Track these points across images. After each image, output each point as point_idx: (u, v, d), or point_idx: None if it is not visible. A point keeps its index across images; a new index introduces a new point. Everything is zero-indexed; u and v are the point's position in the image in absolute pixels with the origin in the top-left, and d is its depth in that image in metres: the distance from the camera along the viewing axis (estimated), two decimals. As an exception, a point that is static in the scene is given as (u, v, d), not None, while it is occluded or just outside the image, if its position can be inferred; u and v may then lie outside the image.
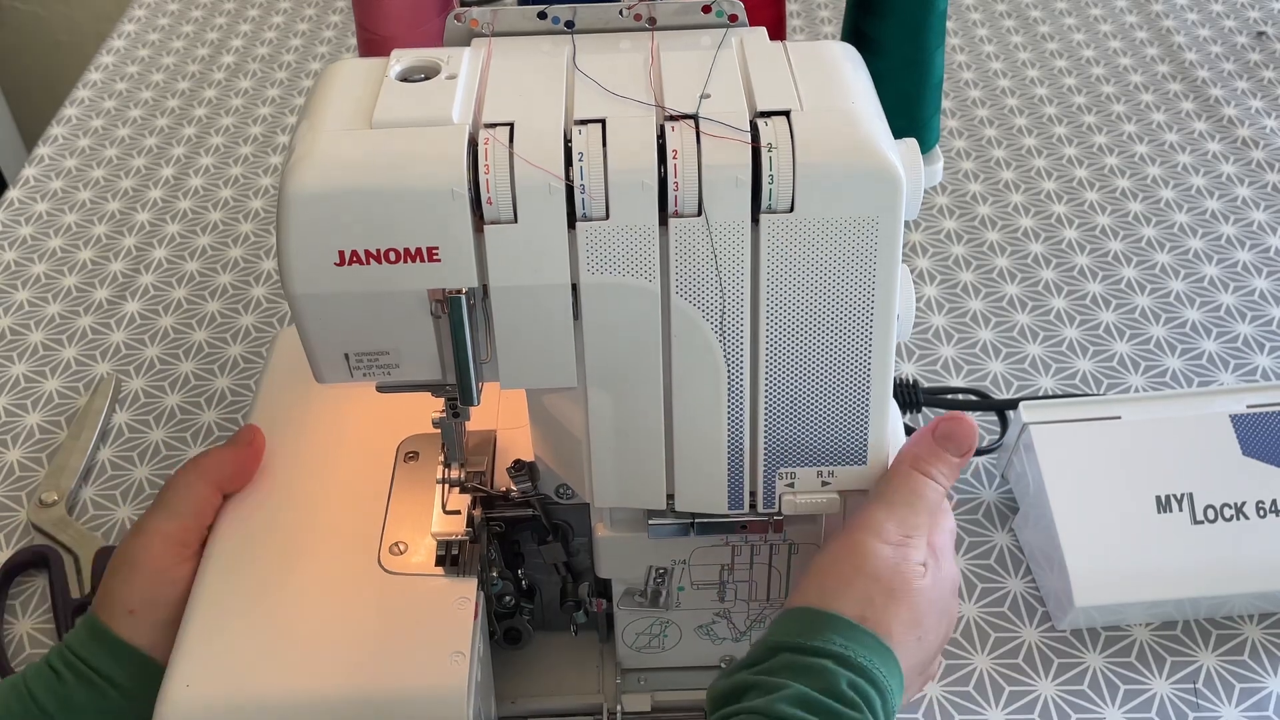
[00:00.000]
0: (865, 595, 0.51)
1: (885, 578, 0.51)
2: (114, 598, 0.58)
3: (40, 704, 0.55)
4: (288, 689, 0.55)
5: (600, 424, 0.54)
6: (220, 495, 0.62)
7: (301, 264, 0.48)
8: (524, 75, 0.51)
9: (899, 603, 0.51)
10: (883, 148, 0.47)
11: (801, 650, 0.49)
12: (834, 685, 0.48)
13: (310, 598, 0.58)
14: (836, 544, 0.53)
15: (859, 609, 0.51)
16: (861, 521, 0.53)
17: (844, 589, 0.51)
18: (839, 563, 0.52)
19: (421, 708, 0.54)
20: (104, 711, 0.56)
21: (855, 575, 0.51)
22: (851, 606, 0.51)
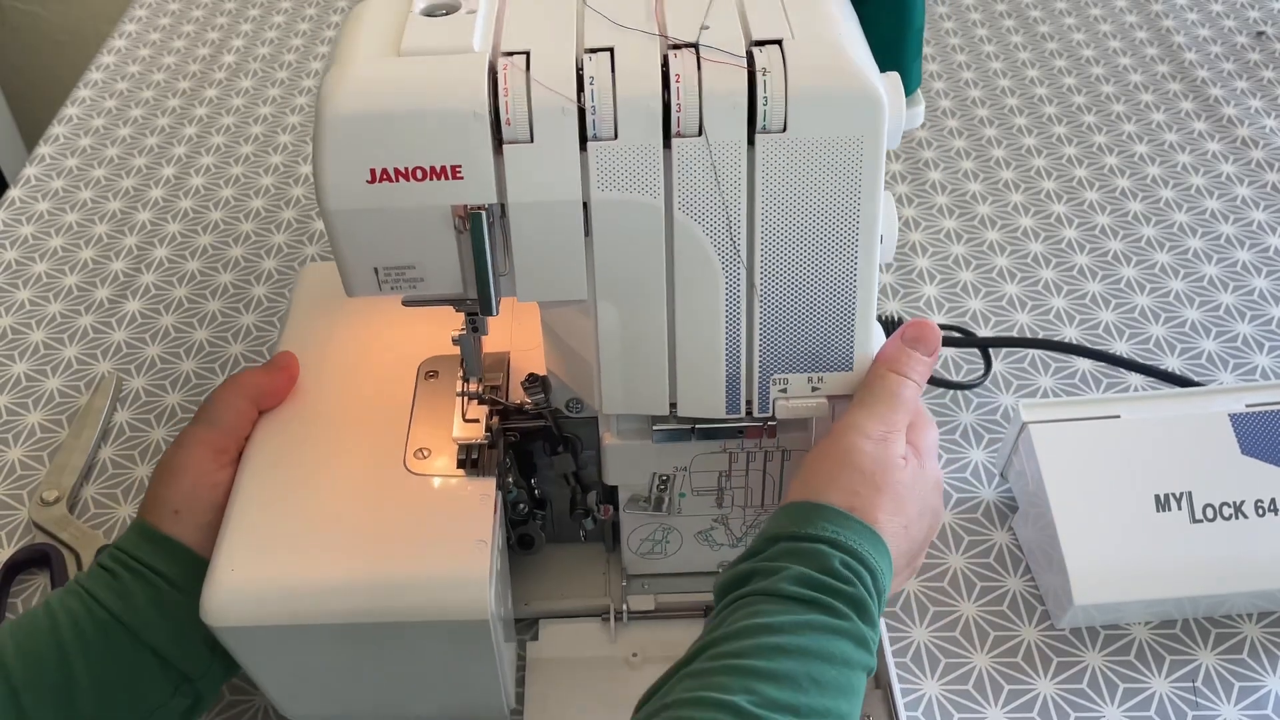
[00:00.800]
0: (851, 487, 0.55)
1: (869, 470, 0.55)
2: (160, 500, 0.62)
3: (100, 600, 0.59)
4: (321, 572, 0.59)
5: (608, 334, 0.58)
6: (256, 410, 0.66)
7: (336, 181, 0.52)
8: (538, 9, 0.55)
9: (882, 492, 0.55)
10: (867, 73, 0.51)
11: (797, 538, 0.53)
12: (828, 564, 0.52)
13: (341, 495, 0.62)
14: (824, 443, 0.57)
15: (847, 499, 0.55)
16: (845, 422, 0.57)
17: (832, 483, 0.55)
18: (827, 459, 0.56)
19: (447, 590, 0.58)
20: (157, 603, 0.60)
21: (841, 470, 0.56)
22: (840, 497, 0.55)
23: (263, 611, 0.58)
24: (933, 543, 0.74)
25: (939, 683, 0.68)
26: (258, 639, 0.59)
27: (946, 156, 1.05)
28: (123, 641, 0.59)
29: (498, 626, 0.60)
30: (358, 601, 0.58)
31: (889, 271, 0.94)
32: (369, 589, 0.58)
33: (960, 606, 0.72)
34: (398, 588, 0.58)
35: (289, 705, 0.64)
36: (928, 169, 1.04)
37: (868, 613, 0.52)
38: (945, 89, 1.14)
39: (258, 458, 0.64)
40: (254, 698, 0.69)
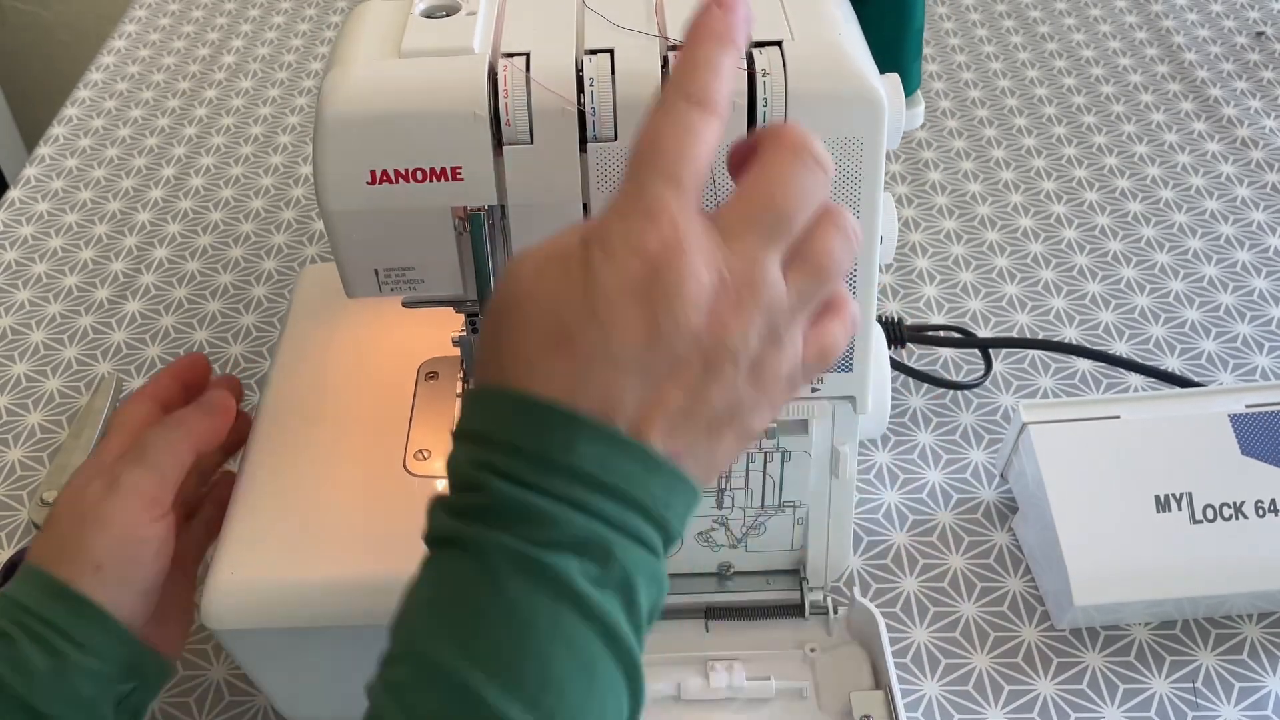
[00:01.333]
0: (481, 339, 0.42)
1: (500, 295, 0.41)
2: (78, 551, 0.52)
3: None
4: (322, 574, 0.59)
5: None
6: (196, 457, 0.58)
7: (336, 182, 0.52)
8: (538, 10, 0.55)
9: (495, 323, 0.40)
10: (867, 74, 0.51)
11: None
12: (459, 472, 0.40)
13: (342, 497, 0.62)
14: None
15: (478, 361, 0.41)
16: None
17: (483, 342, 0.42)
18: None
19: None
20: (61, 673, 0.50)
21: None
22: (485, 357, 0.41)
23: (263, 614, 0.58)
24: (933, 543, 0.75)
25: (939, 683, 0.68)
26: (258, 641, 0.59)
27: (946, 157, 1.05)
28: (15, 714, 0.50)
29: None
30: (359, 603, 0.58)
31: (889, 272, 0.94)
32: (370, 590, 0.58)
33: (960, 607, 0.72)
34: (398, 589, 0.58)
35: (289, 706, 0.64)
36: (927, 169, 1.04)
37: (519, 515, 0.38)
38: (945, 89, 1.14)
39: (258, 459, 0.64)
40: (254, 698, 0.69)
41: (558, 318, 0.39)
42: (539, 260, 0.41)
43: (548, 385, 0.39)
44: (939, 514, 0.77)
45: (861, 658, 0.67)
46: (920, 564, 0.74)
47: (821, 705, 0.65)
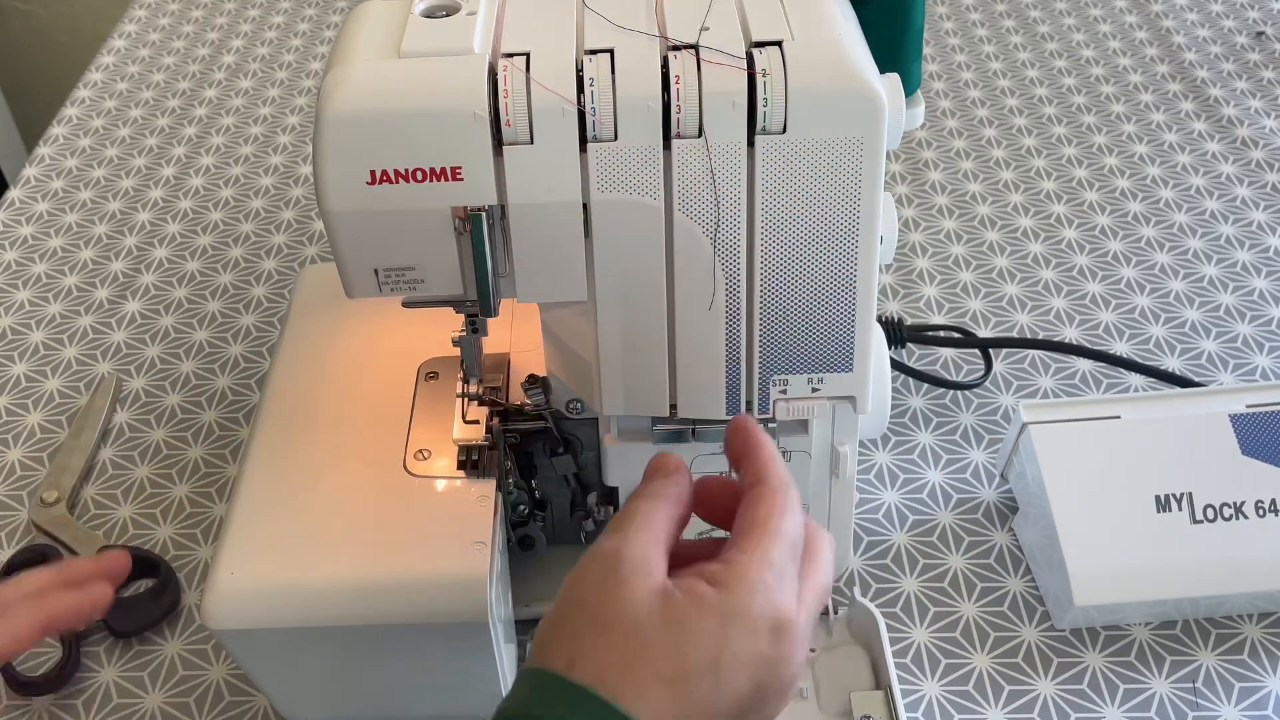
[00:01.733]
0: (573, 630, 0.42)
1: (593, 604, 0.42)
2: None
3: None
4: (322, 574, 0.59)
5: (609, 336, 0.58)
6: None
7: (336, 183, 0.52)
8: (538, 10, 0.55)
9: (606, 634, 0.41)
10: (867, 74, 0.51)
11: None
12: None
13: (342, 497, 0.62)
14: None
15: (568, 652, 0.42)
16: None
17: (552, 628, 0.43)
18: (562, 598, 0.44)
19: (446, 591, 0.58)
20: None
21: (566, 606, 0.43)
22: (559, 650, 0.42)
23: (263, 614, 0.58)
24: (933, 543, 0.75)
25: (939, 683, 0.68)
26: (258, 642, 0.59)
27: (946, 157, 1.05)
28: None
29: (498, 628, 0.60)
30: (358, 603, 0.58)
31: (889, 272, 0.94)
32: (369, 591, 0.58)
33: (960, 607, 0.72)
34: (398, 589, 0.58)
35: (289, 707, 0.64)
36: (927, 169, 1.04)
37: None
38: (945, 89, 1.14)
39: (258, 459, 0.64)
40: (254, 699, 0.69)
41: (683, 655, 0.41)
42: (661, 580, 0.43)
43: (649, 710, 0.40)
44: (939, 514, 0.77)
45: (862, 658, 0.67)
46: (920, 564, 0.74)
47: (821, 705, 0.65)
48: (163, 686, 0.70)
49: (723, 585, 0.43)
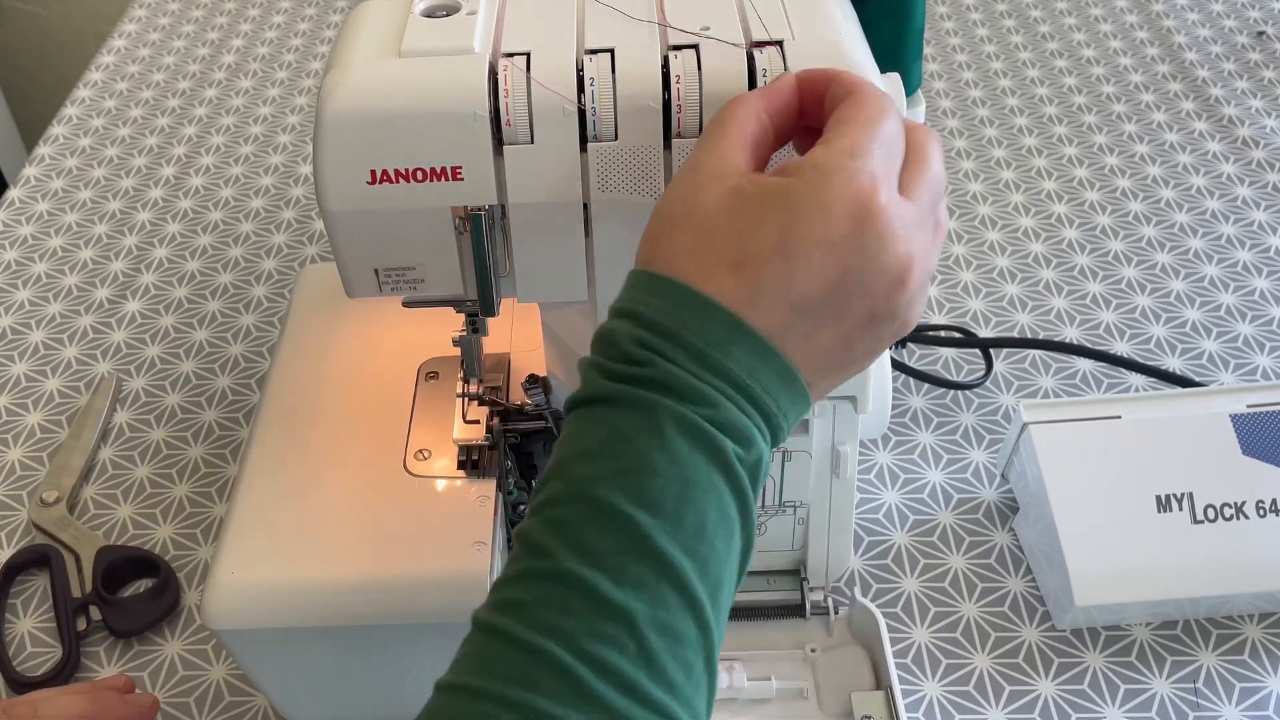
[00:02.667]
0: (654, 233, 0.44)
1: (672, 208, 0.44)
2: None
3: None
4: (322, 574, 0.59)
5: None
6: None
7: (336, 183, 0.52)
8: (538, 10, 0.55)
9: (679, 230, 0.43)
10: (868, 74, 0.51)
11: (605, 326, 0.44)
12: (621, 349, 0.42)
13: (342, 497, 0.62)
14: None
15: (648, 251, 0.44)
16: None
17: (643, 238, 0.45)
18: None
19: (446, 591, 0.58)
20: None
21: (653, 217, 0.45)
22: (643, 252, 0.44)
23: (263, 614, 0.58)
24: (933, 543, 0.75)
25: (940, 684, 0.68)
26: (258, 641, 0.59)
27: (947, 157, 1.05)
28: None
29: None
30: (358, 603, 0.58)
31: (889, 272, 0.94)
32: (369, 591, 0.58)
33: (961, 607, 0.72)
34: (398, 589, 0.58)
35: (289, 707, 0.64)
36: (928, 169, 1.04)
37: (685, 392, 0.40)
38: (946, 89, 1.14)
39: (258, 459, 0.64)
40: (254, 699, 0.69)
41: (750, 242, 0.42)
42: (737, 179, 0.43)
43: (720, 293, 0.42)
44: (939, 514, 0.77)
45: (862, 658, 0.67)
46: (921, 564, 0.74)
47: (822, 705, 0.65)
48: (163, 686, 0.69)
49: (795, 172, 0.43)
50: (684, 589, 0.39)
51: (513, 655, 0.39)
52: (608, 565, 0.39)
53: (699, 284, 0.42)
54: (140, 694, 0.68)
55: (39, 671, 0.70)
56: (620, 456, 0.41)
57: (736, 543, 0.42)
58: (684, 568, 0.39)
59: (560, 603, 0.39)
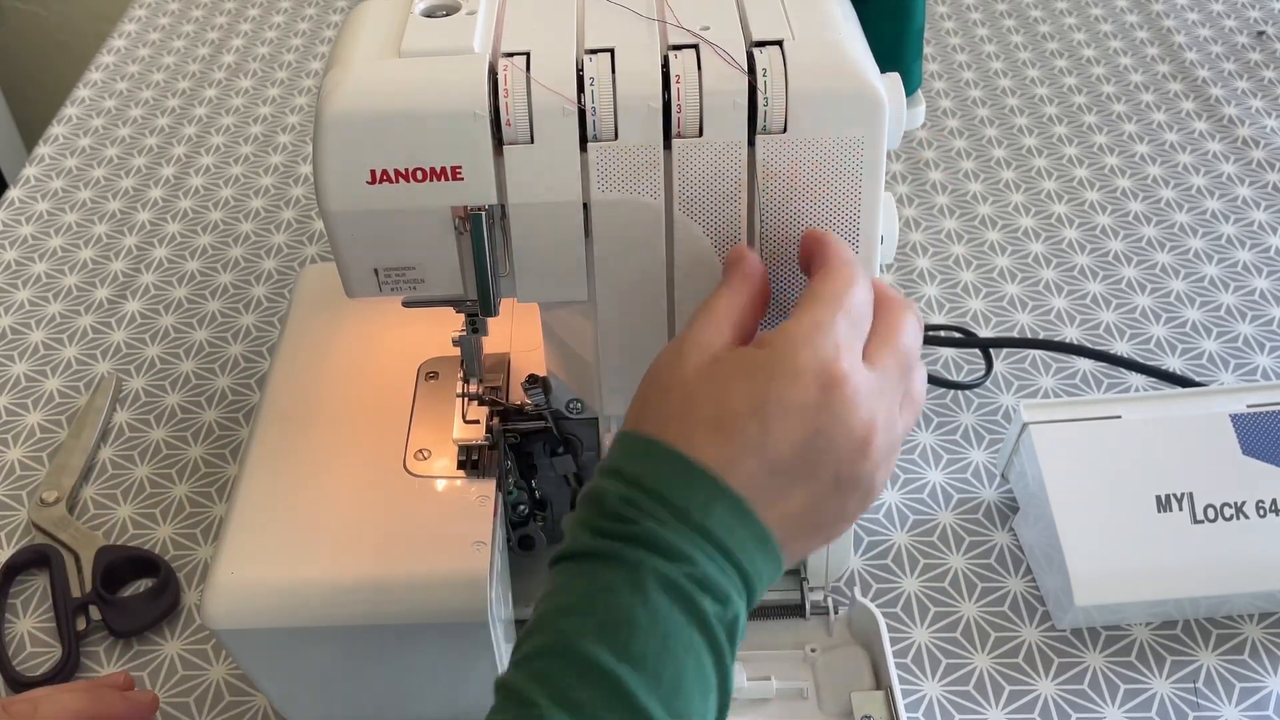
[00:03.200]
0: (642, 399, 0.47)
1: (658, 377, 0.47)
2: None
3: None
4: (322, 574, 0.59)
5: (608, 336, 0.58)
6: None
7: (336, 182, 0.52)
8: (538, 10, 0.55)
9: (665, 395, 0.46)
10: (867, 74, 0.51)
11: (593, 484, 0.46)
12: (606, 505, 0.44)
13: (341, 497, 0.62)
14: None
15: (637, 415, 0.46)
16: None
17: (631, 404, 0.48)
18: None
19: (448, 592, 0.58)
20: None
21: (641, 386, 0.48)
22: (640, 420, 0.46)
23: (263, 614, 0.58)
24: (933, 543, 0.75)
25: (940, 684, 0.68)
26: (258, 642, 0.59)
27: (947, 157, 1.05)
28: None
29: (498, 627, 0.60)
30: (358, 603, 0.58)
31: (889, 272, 0.94)
32: (369, 591, 0.58)
33: (961, 607, 0.72)
34: (398, 589, 0.58)
35: (289, 707, 0.64)
36: (928, 169, 1.04)
37: (667, 550, 0.42)
38: (946, 89, 1.14)
39: (258, 459, 0.64)
40: (254, 699, 0.69)
41: (727, 405, 0.45)
42: (718, 350, 0.47)
43: (703, 455, 0.44)
44: (940, 514, 0.77)
45: (862, 658, 0.67)
46: (921, 564, 0.74)
47: (822, 705, 0.65)
48: (163, 686, 0.69)
49: (769, 344, 0.46)
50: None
51: None
52: (589, 718, 0.40)
53: (683, 446, 0.44)
54: (140, 691, 0.68)
55: (39, 671, 0.70)
56: (603, 610, 0.42)
57: (713, 700, 0.43)
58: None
59: None
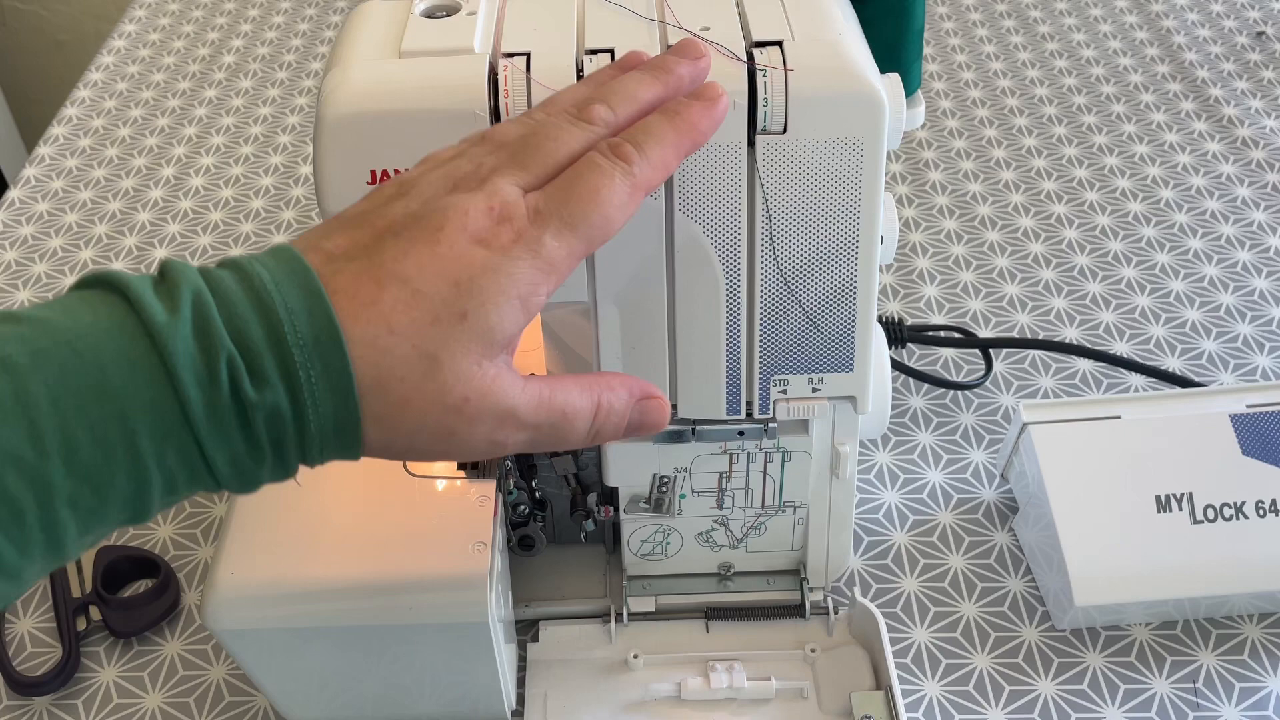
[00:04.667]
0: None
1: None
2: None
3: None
4: (321, 574, 0.59)
5: (609, 336, 0.57)
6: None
7: (335, 183, 0.52)
8: (538, 10, 0.55)
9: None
10: (867, 74, 0.51)
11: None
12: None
13: (342, 497, 0.62)
14: None
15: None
16: None
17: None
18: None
19: (447, 592, 0.58)
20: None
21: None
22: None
23: (262, 615, 0.58)
24: (933, 543, 0.75)
25: (939, 684, 0.68)
26: (258, 642, 0.59)
27: (947, 157, 1.05)
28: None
29: (498, 628, 0.60)
30: (358, 604, 0.58)
31: (889, 272, 0.94)
32: (369, 591, 0.58)
33: (961, 607, 0.72)
34: (398, 590, 0.58)
35: (289, 707, 0.64)
36: (928, 169, 1.04)
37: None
38: (945, 89, 1.14)
39: None
40: (254, 699, 0.69)
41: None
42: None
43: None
44: (939, 514, 0.77)
45: (862, 658, 0.67)
46: (921, 564, 0.74)
47: (822, 705, 0.65)
48: (163, 686, 0.70)
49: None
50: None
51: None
52: None
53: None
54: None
55: (39, 671, 0.70)
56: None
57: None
58: None
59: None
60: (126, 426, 0.35)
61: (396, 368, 0.39)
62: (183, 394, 0.36)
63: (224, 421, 0.37)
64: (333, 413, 0.38)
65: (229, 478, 0.38)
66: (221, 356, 0.36)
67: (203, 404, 0.36)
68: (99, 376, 0.35)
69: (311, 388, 0.37)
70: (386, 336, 0.39)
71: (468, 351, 0.40)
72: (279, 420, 0.38)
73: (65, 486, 0.35)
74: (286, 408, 0.37)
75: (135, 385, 0.36)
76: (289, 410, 0.38)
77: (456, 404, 0.40)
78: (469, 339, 0.40)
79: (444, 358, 0.39)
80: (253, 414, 0.37)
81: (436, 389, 0.40)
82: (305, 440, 0.39)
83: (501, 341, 0.41)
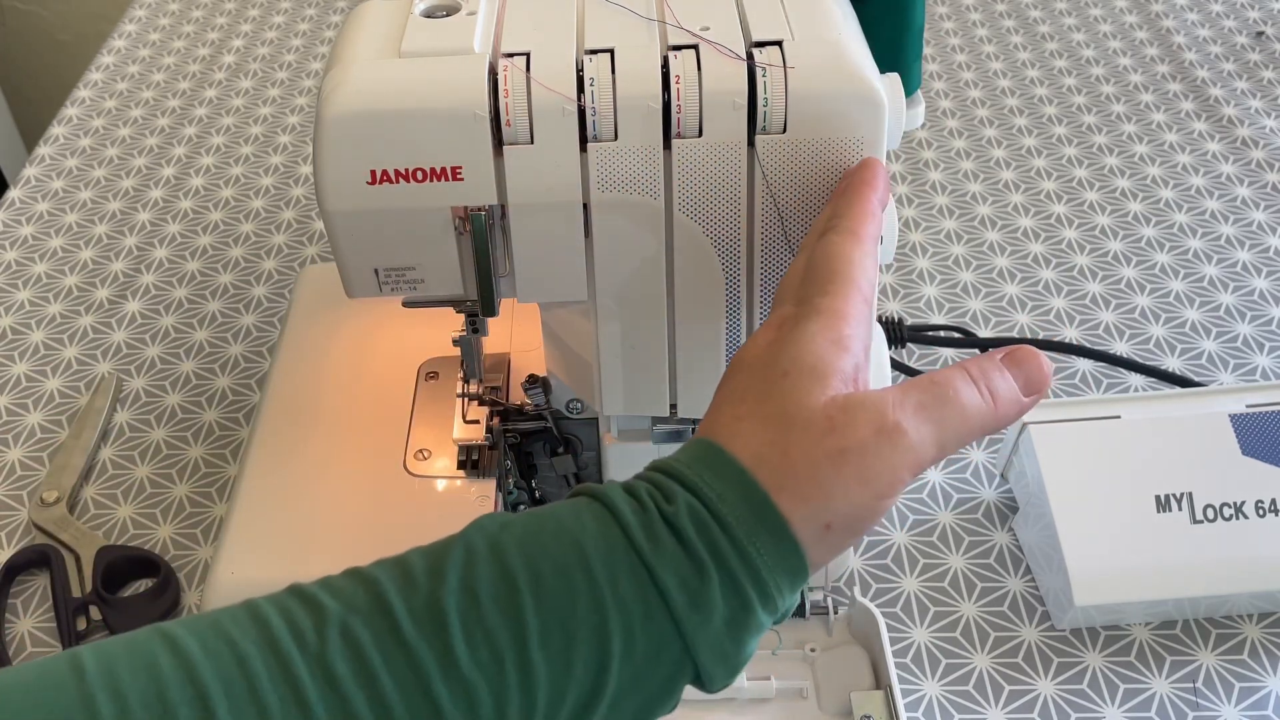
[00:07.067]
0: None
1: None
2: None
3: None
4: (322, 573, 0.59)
5: (609, 335, 0.58)
6: None
7: (336, 182, 0.52)
8: (538, 10, 0.55)
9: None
10: (867, 74, 0.51)
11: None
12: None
13: (342, 497, 0.63)
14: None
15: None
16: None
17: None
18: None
19: None
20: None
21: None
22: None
23: None
24: (933, 543, 0.75)
25: (939, 683, 0.68)
26: None
27: (946, 157, 1.05)
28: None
29: None
30: None
31: (889, 272, 0.94)
32: None
33: (961, 607, 0.72)
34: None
35: (289, 706, 0.64)
36: (928, 169, 1.04)
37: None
38: (945, 89, 1.14)
39: (258, 459, 0.64)
40: (254, 699, 0.69)
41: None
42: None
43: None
44: (939, 514, 0.77)
45: (862, 658, 0.67)
46: (920, 564, 0.74)
47: (821, 705, 0.65)
48: (163, 686, 0.69)
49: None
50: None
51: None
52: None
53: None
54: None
55: (39, 671, 0.70)
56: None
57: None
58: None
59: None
60: (582, 553, 0.40)
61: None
62: (623, 520, 0.42)
63: (659, 536, 0.42)
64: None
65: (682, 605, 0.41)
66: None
67: (640, 526, 0.42)
68: (555, 523, 0.42)
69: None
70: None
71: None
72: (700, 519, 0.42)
73: (535, 624, 0.39)
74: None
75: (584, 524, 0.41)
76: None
77: (887, 507, 0.44)
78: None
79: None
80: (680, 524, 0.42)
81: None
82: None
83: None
